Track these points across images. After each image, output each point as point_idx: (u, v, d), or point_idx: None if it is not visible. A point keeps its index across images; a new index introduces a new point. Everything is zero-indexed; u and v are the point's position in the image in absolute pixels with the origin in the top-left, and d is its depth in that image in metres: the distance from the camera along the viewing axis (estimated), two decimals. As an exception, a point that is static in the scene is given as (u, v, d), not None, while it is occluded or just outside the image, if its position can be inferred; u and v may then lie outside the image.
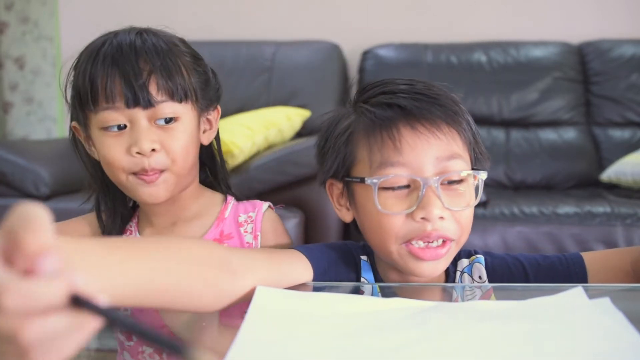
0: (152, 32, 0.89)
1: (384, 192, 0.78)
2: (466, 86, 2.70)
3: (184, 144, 0.87)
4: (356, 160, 0.81)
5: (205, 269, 0.62)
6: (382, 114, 0.79)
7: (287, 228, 2.11)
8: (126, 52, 0.84)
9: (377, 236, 0.80)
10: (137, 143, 0.83)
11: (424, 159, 0.77)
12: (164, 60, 0.85)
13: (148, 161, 0.84)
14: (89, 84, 0.84)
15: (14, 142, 2.84)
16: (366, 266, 0.86)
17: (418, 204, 0.76)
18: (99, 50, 0.85)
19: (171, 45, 0.88)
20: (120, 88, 0.82)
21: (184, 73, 0.86)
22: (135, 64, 0.83)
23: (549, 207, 2.18)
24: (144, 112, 0.84)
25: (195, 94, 0.88)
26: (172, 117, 0.86)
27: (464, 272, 0.86)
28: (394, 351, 0.53)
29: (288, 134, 2.48)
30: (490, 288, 0.80)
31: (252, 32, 2.97)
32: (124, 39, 0.86)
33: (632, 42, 2.77)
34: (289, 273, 0.74)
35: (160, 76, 0.84)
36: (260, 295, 0.64)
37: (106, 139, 0.85)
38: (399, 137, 0.77)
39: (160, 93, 0.84)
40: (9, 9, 3.13)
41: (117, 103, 0.83)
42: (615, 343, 0.54)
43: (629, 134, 2.69)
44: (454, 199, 0.78)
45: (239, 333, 0.55)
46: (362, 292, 0.79)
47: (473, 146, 0.82)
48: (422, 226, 0.76)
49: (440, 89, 0.82)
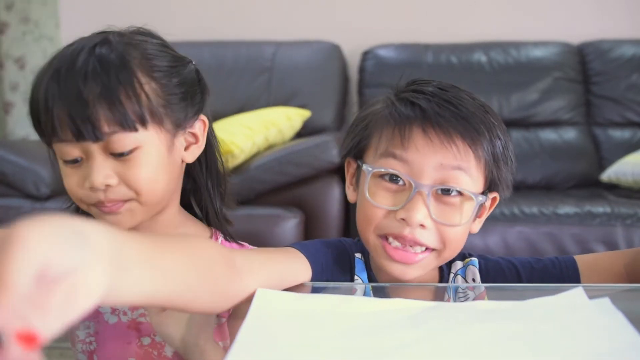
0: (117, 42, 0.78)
1: (378, 181, 0.78)
2: (466, 86, 2.66)
3: (148, 174, 0.77)
4: (368, 145, 0.82)
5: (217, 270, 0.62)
6: (403, 111, 0.78)
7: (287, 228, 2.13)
8: (70, 76, 0.74)
9: (360, 222, 0.80)
10: (90, 177, 0.75)
11: (426, 164, 0.75)
12: (110, 86, 0.73)
13: (105, 194, 0.76)
14: (36, 110, 0.76)
15: (14, 142, 2.84)
16: (360, 264, 0.86)
17: (404, 205, 0.75)
18: (49, 66, 0.76)
19: (132, 59, 0.76)
20: (66, 120, 0.73)
21: (140, 95, 0.75)
22: (79, 92, 0.73)
23: (549, 207, 2.18)
24: (96, 145, 0.75)
25: (160, 115, 0.77)
26: (130, 149, 0.76)
27: (458, 274, 0.86)
28: (395, 352, 0.53)
29: (288, 134, 2.48)
30: (484, 290, 0.80)
31: (252, 32, 2.97)
32: (69, 56, 0.75)
33: (632, 42, 2.77)
34: (290, 273, 0.74)
35: (105, 105, 0.73)
36: (260, 298, 0.64)
37: (65, 168, 0.78)
38: (408, 136, 0.76)
39: (108, 125, 0.74)
40: (9, 9, 3.13)
41: (66, 136, 0.74)
42: (615, 343, 0.54)
43: (629, 134, 2.69)
44: (445, 212, 0.76)
45: (237, 335, 0.55)
46: (355, 291, 0.79)
47: (492, 169, 0.79)
48: (400, 227, 0.76)
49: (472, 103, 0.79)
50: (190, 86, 0.83)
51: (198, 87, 0.84)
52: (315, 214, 2.15)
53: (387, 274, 0.82)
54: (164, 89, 0.78)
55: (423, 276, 0.83)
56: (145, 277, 0.49)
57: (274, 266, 0.72)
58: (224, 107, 2.72)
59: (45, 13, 3.08)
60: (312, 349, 0.55)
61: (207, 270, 0.59)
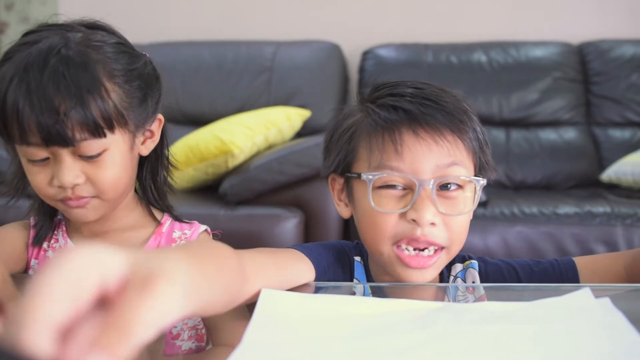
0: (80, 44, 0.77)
1: (380, 190, 0.78)
2: (466, 86, 2.70)
3: (113, 174, 0.80)
4: (356, 157, 0.81)
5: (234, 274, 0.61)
6: (387, 116, 0.79)
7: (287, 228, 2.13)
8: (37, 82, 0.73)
9: (370, 234, 0.80)
10: (58, 177, 0.77)
11: (423, 165, 0.76)
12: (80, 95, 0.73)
13: (73, 192, 0.79)
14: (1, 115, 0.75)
15: (14, 142, 2.83)
16: (359, 267, 0.86)
17: (411, 205, 0.76)
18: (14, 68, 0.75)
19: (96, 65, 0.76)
20: (34, 127, 0.74)
21: (107, 102, 0.76)
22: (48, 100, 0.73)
23: (549, 207, 2.18)
24: (65, 149, 0.76)
25: (125, 118, 0.79)
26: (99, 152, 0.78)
27: (458, 276, 0.86)
28: (401, 353, 0.53)
29: (288, 134, 2.48)
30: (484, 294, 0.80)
31: (252, 32, 2.97)
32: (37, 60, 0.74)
33: (632, 42, 2.77)
34: (295, 274, 0.75)
35: (76, 116, 0.74)
36: (265, 298, 0.64)
37: (30, 167, 0.80)
38: (400, 140, 0.77)
39: (79, 131, 0.75)
40: (9, 9, 3.13)
41: (34, 140, 0.75)
42: (615, 343, 0.54)
43: (629, 134, 2.69)
44: (449, 205, 0.78)
45: (244, 336, 0.55)
46: (354, 292, 0.79)
47: (479, 155, 0.81)
48: (413, 229, 0.76)
49: (450, 96, 0.81)
50: (149, 87, 0.84)
51: (156, 85, 0.86)
52: (315, 214, 2.15)
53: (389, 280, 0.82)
54: (126, 93, 0.80)
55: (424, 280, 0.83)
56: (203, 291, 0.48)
57: (281, 268, 0.72)
58: (224, 107, 2.72)
59: (45, 13, 3.08)
60: (318, 349, 0.55)
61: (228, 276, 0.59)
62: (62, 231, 0.93)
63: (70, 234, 0.93)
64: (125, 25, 0.88)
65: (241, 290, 0.62)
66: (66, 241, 0.92)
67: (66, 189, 0.79)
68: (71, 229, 0.93)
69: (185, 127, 2.58)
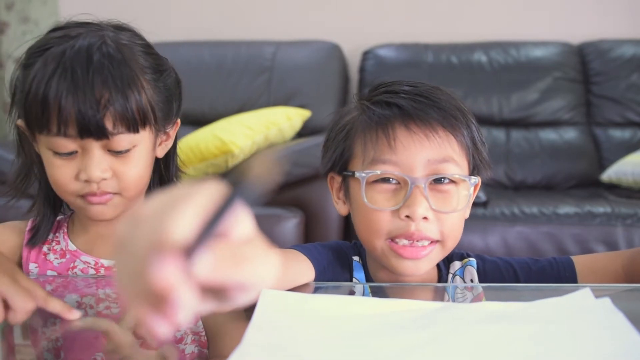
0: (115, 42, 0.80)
1: (373, 186, 0.79)
2: (466, 86, 2.70)
3: (138, 171, 0.82)
4: (352, 155, 0.83)
5: None
6: (380, 112, 0.80)
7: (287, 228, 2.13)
8: (83, 74, 0.76)
9: (365, 231, 0.81)
10: (87, 171, 0.79)
11: (415, 160, 0.77)
12: (122, 88, 0.77)
13: (97, 185, 0.80)
14: (40, 106, 0.77)
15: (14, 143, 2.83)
16: (358, 266, 0.87)
17: (404, 202, 0.77)
18: (55, 61, 0.77)
19: (133, 62, 0.80)
20: (73, 118, 0.76)
21: (143, 98, 0.79)
22: (91, 91, 0.75)
23: (549, 207, 2.18)
24: (97, 142, 0.78)
25: (155, 116, 0.82)
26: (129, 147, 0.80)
27: (456, 274, 0.87)
28: (401, 353, 0.53)
29: (288, 134, 2.48)
30: (482, 291, 0.81)
31: (252, 32, 2.97)
32: (80, 54, 0.77)
33: (632, 42, 2.77)
34: (295, 274, 0.75)
35: (117, 108, 0.77)
36: (265, 298, 0.64)
37: (55, 160, 0.80)
38: (393, 135, 0.78)
39: (116, 125, 0.78)
40: (9, 9, 3.13)
41: (70, 132, 0.77)
42: (615, 343, 0.54)
43: (629, 134, 2.69)
44: (442, 201, 0.78)
45: (244, 336, 0.55)
46: (354, 292, 0.79)
47: (472, 153, 0.82)
48: (406, 225, 0.77)
49: (444, 94, 0.82)
50: (173, 89, 0.87)
51: (178, 89, 0.88)
52: (315, 214, 2.15)
53: (389, 276, 0.83)
54: (155, 91, 0.82)
55: (423, 277, 0.83)
56: None
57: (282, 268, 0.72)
58: (224, 107, 2.72)
59: (45, 13, 3.08)
60: (318, 349, 0.55)
61: None
62: (64, 233, 0.92)
63: (72, 235, 0.92)
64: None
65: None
66: (67, 243, 0.91)
67: (92, 183, 0.80)
68: (74, 231, 0.92)
69: (185, 127, 2.56)
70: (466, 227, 0.83)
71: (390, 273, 0.83)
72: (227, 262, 0.37)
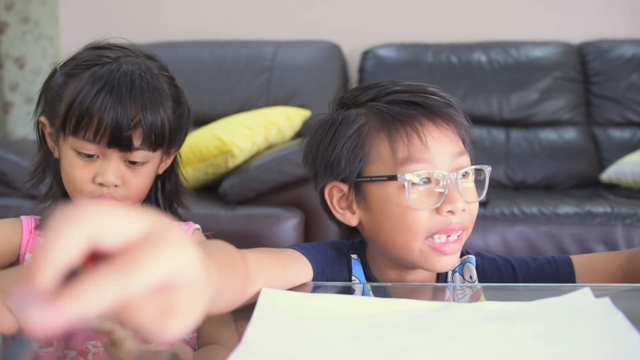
0: (149, 70, 0.90)
1: (413, 187, 0.79)
2: (466, 86, 2.70)
3: (144, 184, 0.92)
4: (371, 159, 0.81)
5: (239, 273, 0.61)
6: (403, 110, 0.81)
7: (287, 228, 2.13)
8: (125, 94, 0.87)
9: (401, 234, 0.79)
10: (104, 175, 0.88)
11: (444, 155, 0.79)
12: (153, 112, 0.88)
13: (108, 190, 0.89)
14: (83, 114, 0.86)
15: (14, 142, 2.83)
16: (357, 265, 0.87)
17: (444, 199, 0.78)
18: (103, 80, 0.87)
19: (162, 90, 0.91)
20: (109, 131, 0.86)
21: (166, 122, 0.90)
22: (129, 111, 0.86)
23: (549, 207, 2.18)
24: (119, 153, 0.88)
25: (170, 139, 0.92)
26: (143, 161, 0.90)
27: (456, 271, 0.87)
28: (401, 353, 0.53)
29: (288, 134, 2.48)
30: (480, 288, 0.81)
31: (252, 32, 2.97)
32: (125, 77, 0.88)
33: (632, 42, 2.77)
34: (294, 274, 0.75)
35: (146, 129, 0.87)
36: (266, 298, 0.64)
37: (75, 159, 0.89)
38: (422, 130, 0.79)
39: (140, 142, 0.88)
40: (9, 9, 3.13)
41: (102, 141, 0.87)
42: (615, 343, 0.54)
43: (629, 134, 2.69)
44: (468, 193, 0.81)
45: (244, 335, 0.55)
46: (354, 291, 0.79)
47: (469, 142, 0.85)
48: (447, 220, 0.78)
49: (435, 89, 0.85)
50: (187, 118, 0.97)
51: (188, 120, 0.98)
52: (315, 214, 2.15)
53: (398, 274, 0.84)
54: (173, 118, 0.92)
55: (424, 272, 0.84)
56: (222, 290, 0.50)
57: (281, 269, 0.73)
58: (224, 107, 2.72)
59: (45, 13, 3.08)
60: (318, 349, 0.55)
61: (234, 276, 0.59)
62: None
63: None
64: (125, 25, 0.89)
65: (244, 291, 0.62)
66: None
67: (104, 187, 0.88)
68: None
69: (185, 127, 2.58)
70: (466, 227, 0.84)
71: (398, 270, 0.84)
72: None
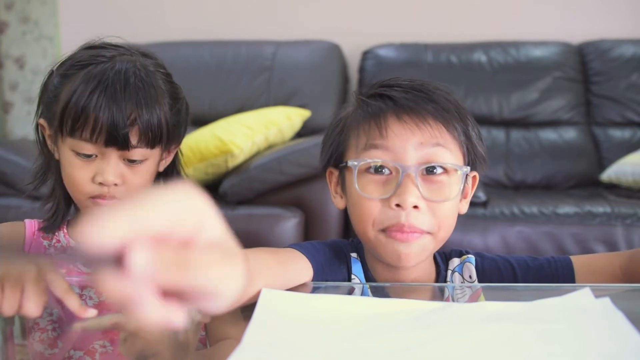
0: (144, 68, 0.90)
1: (366, 176, 0.80)
2: (466, 86, 2.70)
3: (145, 182, 0.92)
4: (347, 147, 0.84)
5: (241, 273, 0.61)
6: (374, 104, 0.82)
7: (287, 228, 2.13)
8: (120, 93, 0.86)
9: (358, 221, 0.82)
10: (103, 174, 0.88)
11: (406, 147, 0.78)
12: (149, 109, 0.88)
13: (108, 189, 0.89)
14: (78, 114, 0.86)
15: (14, 142, 2.83)
16: (356, 263, 0.87)
17: (395, 191, 0.77)
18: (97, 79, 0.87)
19: (157, 87, 0.90)
20: (105, 130, 0.86)
21: (163, 119, 0.90)
22: (124, 109, 0.86)
23: (549, 207, 2.18)
24: (117, 151, 0.88)
25: (168, 136, 0.92)
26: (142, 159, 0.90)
27: (455, 271, 0.87)
28: (401, 353, 0.53)
29: (288, 134, 2.48)
30: (480, 288, 0.81)
31: (252, 32, 2.97)
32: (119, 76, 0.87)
33: (632, 42, 2.77)
34: (294, 274, 0.75)
35: (143, 127, 0.87)
36: (265, 298, 0.64)
37: (74, 160, 0.89)
38: (385, 124, 0.80)
39: (139, 140, 0.88)
40: (9, 9, 3.13)
41: (99, 140, 0.87)
42: (615, 343, 0.54)
43: (629, 134, 2.69)
44: (434, 191, 0.79)
45: (244, 335, 0.55)
46: (353, 290, 0.79)
47: (467, 147, 0.83)
48: (397, 215, 0.77)
49: (438, 88, 0.84)
50: (185, 115, 0.96)
51: (187, 116, 0.97)
52: (315, 214, 2.15)
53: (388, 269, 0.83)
54: (171, 115, 0.92)
55: (421, 272, 0.84)
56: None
57: (281, 268, 0.73)
58: (224, 107, 2.72)
59: (45, 13, 3.08)
60: (318, 349, 0.54)
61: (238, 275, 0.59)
62: (64, 233, 0.97)
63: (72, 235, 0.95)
64: (124, 25, 0.90)
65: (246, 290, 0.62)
66: (68, 241, 0.96)
67: (104, 187, 0.88)
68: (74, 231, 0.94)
69: (185, 127, 2.58)
70: (466, 227, 0.84)
71: (387, 265, 0.84)
72: (171, 267, 0.35)
